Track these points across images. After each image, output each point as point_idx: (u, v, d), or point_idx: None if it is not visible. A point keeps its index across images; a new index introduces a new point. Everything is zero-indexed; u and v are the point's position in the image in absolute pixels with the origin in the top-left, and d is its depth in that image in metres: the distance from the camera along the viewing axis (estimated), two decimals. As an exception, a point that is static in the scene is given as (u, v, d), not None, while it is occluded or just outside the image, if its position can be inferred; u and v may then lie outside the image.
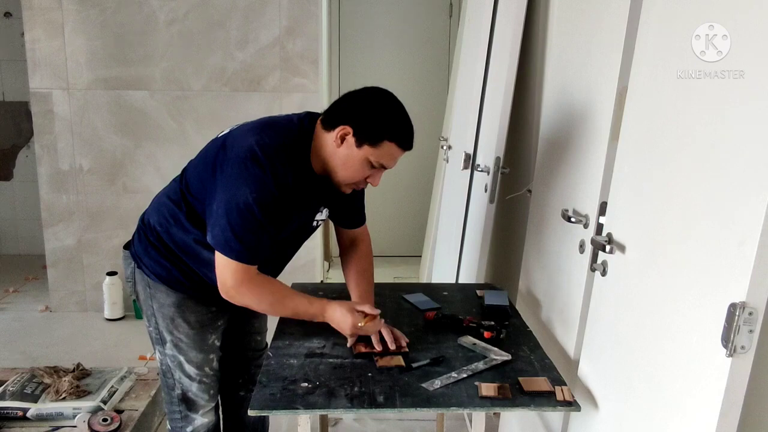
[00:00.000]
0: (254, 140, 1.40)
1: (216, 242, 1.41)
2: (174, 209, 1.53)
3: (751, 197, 0.89)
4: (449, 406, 1.26)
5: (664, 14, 1.21)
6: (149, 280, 1.57)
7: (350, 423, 2.46)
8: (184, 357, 1.61)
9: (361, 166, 1.43)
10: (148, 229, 1.58)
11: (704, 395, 0.98)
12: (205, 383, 1.64)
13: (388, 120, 1.41)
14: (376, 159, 1.41)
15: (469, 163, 2.57)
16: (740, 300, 0.90)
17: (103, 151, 3.45)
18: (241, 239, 1.38)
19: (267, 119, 1.51)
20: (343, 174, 1.45)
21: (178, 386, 1.64)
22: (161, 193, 1.62)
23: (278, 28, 3.35)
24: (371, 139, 1.39)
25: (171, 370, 1.63)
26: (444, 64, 4.49)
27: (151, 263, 1.56)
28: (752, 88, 0.92)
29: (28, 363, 2.66)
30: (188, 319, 1.58)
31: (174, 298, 1.57)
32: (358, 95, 1.45)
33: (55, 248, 3.54)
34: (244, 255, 1.39)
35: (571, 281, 1.59)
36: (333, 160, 1.44)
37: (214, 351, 1.64)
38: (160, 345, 1.62)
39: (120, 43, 3.34)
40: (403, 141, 1.42)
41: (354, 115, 1.41)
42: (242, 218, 1.37)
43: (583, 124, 1.60)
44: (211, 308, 1.60)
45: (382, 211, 4.52)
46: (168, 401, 1.68)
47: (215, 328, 1.64)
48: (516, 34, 2.14)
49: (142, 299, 1.61)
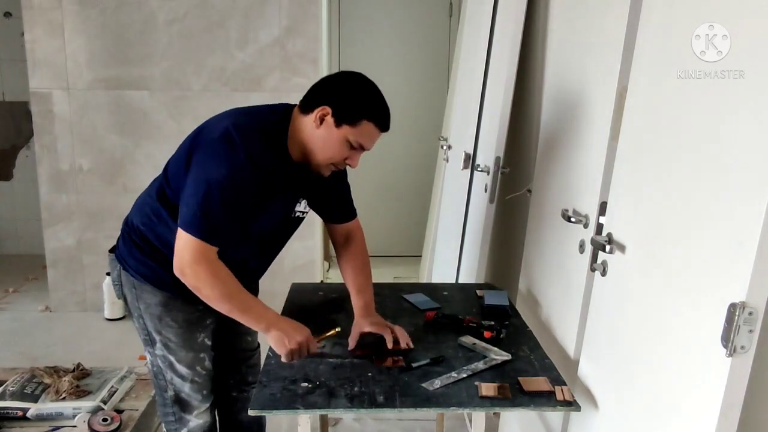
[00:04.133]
0: (230, 122, 1.42)
1: (182, 221, 1.40)
2: (156, 206, 1.53)
3: (751, 197, 0.89)
4: (449, 406, 1.26)
5: (664, 14, 1.21)
6: (135, 281, 1.57)
7: (350, 423, 2.46)
8: (174, 357, 1.60)
9: (340, 147, 1.43)
10: (132, 230, 1.58)
11: (704, 395, 0.98)
12: (197, 383, 1.63)
13: (366, 100, 1.43)
14: (355, 139, 1.42)
15: (469, 163, 2.57)
16: (740, 300, 0.90)
17: (103, 151, 3.45)
18: (207, 217, 1.37)
19: (244, 107, 1.53)
20: (322, 155, 1.45)
21: (170, 387, 1.63)
22: (143, 194, 1.62)
23: (278, 28, 3.35)
24: (350, 118, 1.41)
25: (162, 371, 1.62)
26: (444, 64, 4.48)
27: (136, 264, 1.56)
28: (752, 88, 0.92)
29: (28, 363, 2.65)
30: (176, 318, 1.57)
31: (160, 297, 1.56)
32: (335, 78, 1.49)
33: (55, 248, 3.54)
34: (207, 233, 1.38)
35: (571, 281, 1.59)
36: (312, 142, 1.45)
37: (205, 350, 1.63)
38: (150, 346, 1.61)
39: (120, 43, 3.34)
40: (380, 121, 1.44)
41: (333, 95, 1.42)
42: (211, 196, 1.36)
43: (583, 124, 1.60)
44: (198, 306, 1.56)
45: (383, 211, 4.50)
46: (161, 403, 1.67)
47: (204, 327, 1.62)
48: (516, 34, 2.14)
49: (130, 301, 1.61)
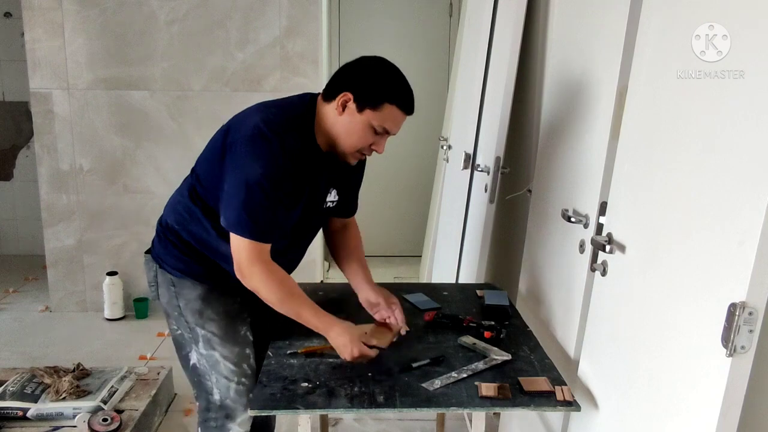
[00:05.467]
0: (259, 118, 1.41)
1: (228, 223, 1.40)
2: (189, 205, 1.52)
3: (751, 197, 0.89)
4: (449, 406, 1.26)
5: (664, 14, 1.21)
6: (173, 278, 1.55)
7: (350, 423, 2.46)
8: (219, 353, 1.55)
9: (364, 132, 1.41)
10: (167, 230, 1.57)
11: (704, 395, 0.98)
12: (243, 384, 1.56)
13: (387, 83, 1.40)
14: (378, 123, 1.40)
15: (469, 163, 2.57)
16: (740, 300, 0.90)
17: (103, 151, 3.45)
18: (254, 217, 1.37)
19: (268, 101, 1.53)
20: (347, 142, 1.44)
21: (216, 392, 1.56)
22: (175, 193, 1.61)
23: (278, 28, 3.35)
24: (372, 102, 1.39)
25: (207, 373, 1.56)
26: (444, 64, 4.48)
27: (173, 260, 1.55)
28: (752, 88, 0.92)
29: (28, 363, 2.66)
30: (217, 311, 1.55)
31: (200, 290, 1.55)
32: (355, 63, 1.45)
33: (55, 248, 3.54)
34: (257, 233, 1.38)
35: (571, 281, 1.59)
36: (336, 129, 1.43)
37: (248, 344, 1.58)
38: (195, 344, 1.56)
39: (120, 43, 3.34)
40: (403, 103, 1.41)
41: (353, 81, 1.41)
42: (253, 196, 1.36)
43: (583, 123, 1.60)
44: (236, 298, 1.57)
45: (383, 211, 4.50)
46: (204, 408, 1.60)
47: (243, 320, 1.59)
48: (516, 34, 2.14)
49: (167, 301, 1.57)
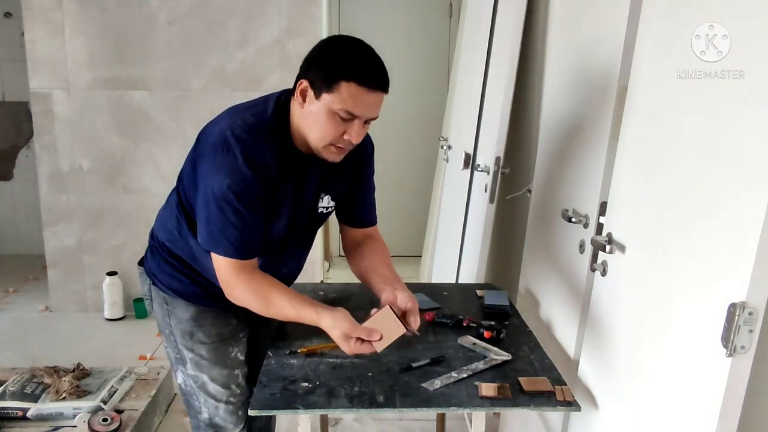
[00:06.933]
0: (226, 125, 1.30)
1: (202, 240, 1.32)
2: (176, 221, 1.46)
3: (751, 197, 0.89)
4: (449, 406, 1.25)
5: (664, 14, 1.21)
6: (165, 296, 1.51)
7: (350, 423, 2.46)
8: (207, 376, 1.52)
9: (328, 121, 1.25)
10: (158, 245, 1.52)
11: (704, 395, 0.98)
12: (232, 404, 1.54)
13: (339, 59, 1.24)
14: (340, 107, 1.22)
15: (469, 163, 2.57)
16: (740, 300, 0.90)
17: (103, 151, 3.45)
18: (225, 233, 1.28)
19: (240, 104, 1.38)
20: (314, 135, 1.28)
21: (204, 410, 1.54)
22: (164, 206, 1.54)
23: (278, 28, 3.35)
24: (326, 84, 1.22)
25: (195, 393, 1.54)
26: (444, 64, 4.48)
27: (166, 278, 1.50)
28: (752, 88, 0.92)
29: (28, 363, 2.65)
30: (208, 333, 1.50)
31: (192, 312, 1.49)
32: (313, 48, 1.31)
33: (55, 248, 3.54)
34: (231, 250, 1.29)
35: (571, 281, 1.59)
36: (303, 124, 1.29)
37: (239, 366, 1.55)
38: (182, 365, 1.53)
39: (120, 43, 3.33)
40: (363, 77, 1.22)
41: (307, 66, 1.28)
42: (220, 209, 1.27)
43: (583, 124, 1.60)
44: (231, 321, 1.52)
45: (382, 211, 4.42)
46: (195, 426, 1.59)
47: (236, 341, 1.55)
48: (516, 34, 2.14)
49: (160, 318, 1.54)
